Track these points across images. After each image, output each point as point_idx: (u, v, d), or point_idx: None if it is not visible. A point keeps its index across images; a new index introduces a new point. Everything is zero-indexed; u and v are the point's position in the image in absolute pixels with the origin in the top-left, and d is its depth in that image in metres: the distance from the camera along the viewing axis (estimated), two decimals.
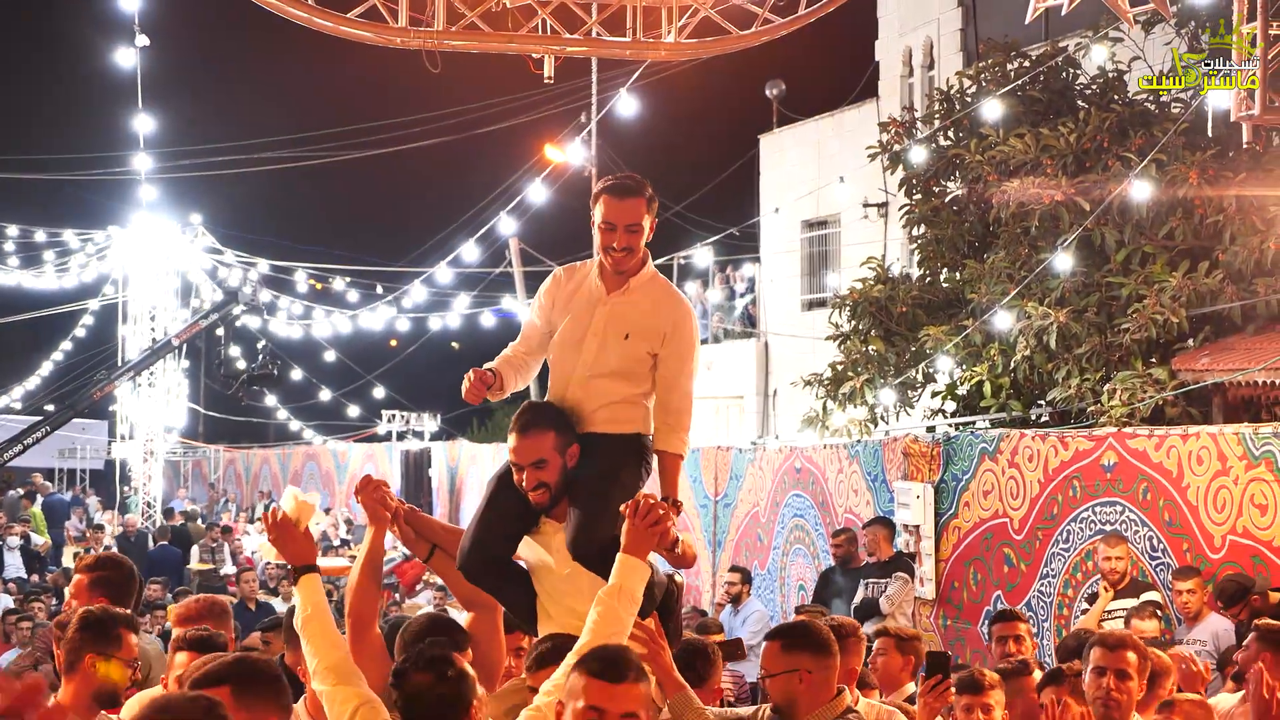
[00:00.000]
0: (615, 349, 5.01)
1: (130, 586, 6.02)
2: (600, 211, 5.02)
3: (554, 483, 4.81)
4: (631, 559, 4.44)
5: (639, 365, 5.04)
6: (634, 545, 4.44)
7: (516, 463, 4.85)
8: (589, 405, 4.99)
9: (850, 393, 15.58)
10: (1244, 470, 9.63)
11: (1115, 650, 5.63)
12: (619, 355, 5.01)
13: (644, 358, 5.05)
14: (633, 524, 4.43)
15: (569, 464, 4.83)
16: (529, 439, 4.82)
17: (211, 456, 42.05)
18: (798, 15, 10.58)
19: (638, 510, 4.43)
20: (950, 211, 15.92)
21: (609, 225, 5.00)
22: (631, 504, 4.45)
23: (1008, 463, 11.96)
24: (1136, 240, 13.46)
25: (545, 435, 4.81)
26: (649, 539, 4.45)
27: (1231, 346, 12.62)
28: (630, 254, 5.03)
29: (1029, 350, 13.62)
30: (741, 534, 16.37)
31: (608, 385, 5.01)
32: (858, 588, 12.32)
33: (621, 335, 5.02)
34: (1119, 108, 14.38)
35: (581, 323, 5.06)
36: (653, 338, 5.04)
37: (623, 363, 5.02)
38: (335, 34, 10.23)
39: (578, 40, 10.42)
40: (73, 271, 33.95)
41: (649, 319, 5.05)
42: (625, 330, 5.02)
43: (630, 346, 5.02)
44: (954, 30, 22.60)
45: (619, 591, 4.41)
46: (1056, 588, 11.31)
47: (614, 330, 5.03)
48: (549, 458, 4.80)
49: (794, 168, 26.04)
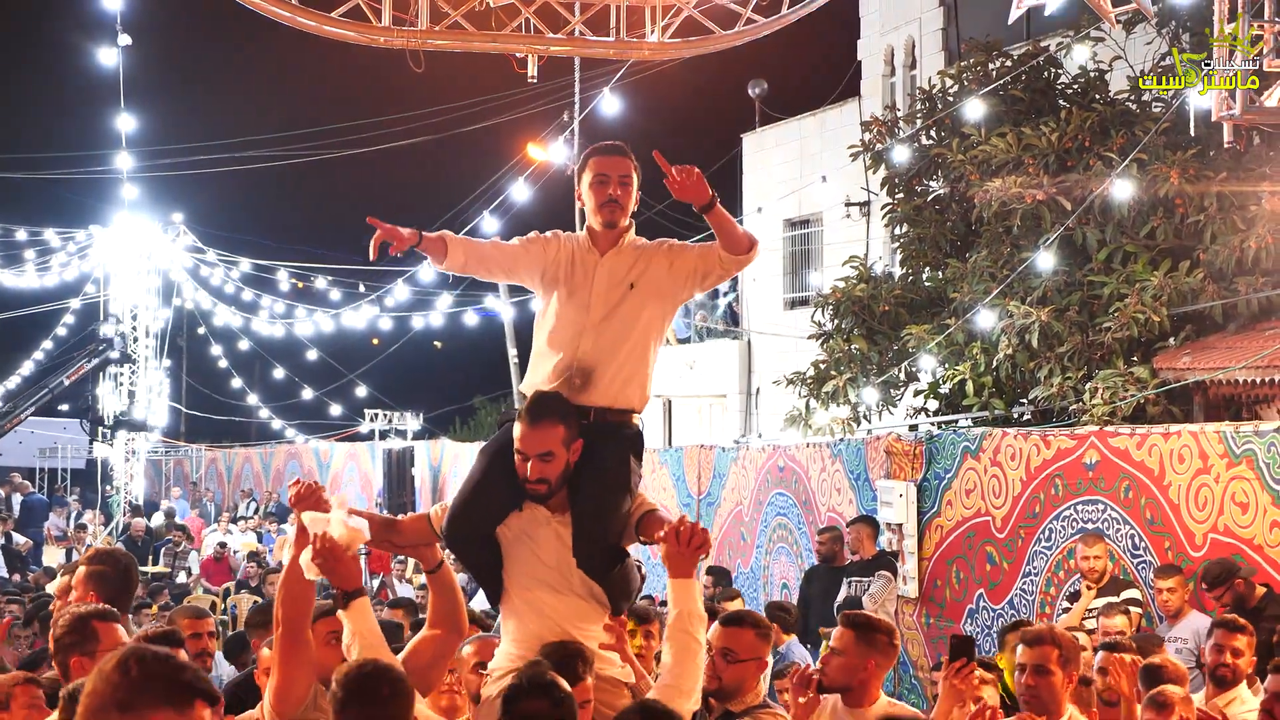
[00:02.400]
0: (622, 301, 5.04)
1: (126, 580, 6.06)
2: (592, 169, 5.10)
3: (556, 478, 4.77)
4: (684, 582, 4.50)
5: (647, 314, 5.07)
6: (681, 569, 4.49)
7: (523, 451, 4.77)
8: (598, 364, 4.96)
9: (833, 391, 15.61)
10: (1225, 469, 9.66)
11: (1035, 646, 5.70)
12: (626, 306, 5.04)
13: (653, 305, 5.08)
14: (677, 550, 4.45)
15: (572, 459, 4.79)
16: (539, 431, 4.75)
17: (193, 456, 41.93)
18: (780, 15, 10.60)
19: (679, 537, 4.45)
20: (932, 211, 15.96)
21: (602, 178, 5.07)
22: (671, 531, 4.46)
23: (990, 461, 11.99)
24: (1118, 239, 13.51)
25: (555, 429, 4.76)
26: (694, 559, 4.50)
27: (1213, 345, 12.67)
28: (623, 209, 5.09)
29: (1011, 349, 13.66)
30: (725, 533, 16.38)
31: (620, 337, 5.00)
32: (840, 586, 12.35)
33: (626, 285, 5.05)
34: (1100, 107, 14.42)
35: (583, 286, 5.07)
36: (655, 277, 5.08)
37: (631, 312, 5.04)
38: (319, 33, 10.22)
39: (561, 40, 10.43)
40: (54, 270, 33.84)
41: (646, 265, 5.09)
42: (629, 280, 5.05)
43: (637, 295, 5.05)
44: (936, 29, 22.64)
45: (689, 617, 4.49)
46: (1039, 586, 11.34)
47: (617, 284, 5.05)
48: (556, 451, 4.75)
49: (776, 166, 26.07)
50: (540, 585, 4.80)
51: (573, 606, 4.77)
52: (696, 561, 4.52)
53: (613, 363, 4.97)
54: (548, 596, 4.76)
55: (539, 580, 4.81)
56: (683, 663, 4.45)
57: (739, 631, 5.06)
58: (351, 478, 31.97)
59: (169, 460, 42.36)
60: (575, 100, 25.25)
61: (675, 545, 4.44)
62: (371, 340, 38.52)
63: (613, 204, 5.07)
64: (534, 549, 4.82)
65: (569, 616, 4.75)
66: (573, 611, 4.76)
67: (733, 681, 5.01)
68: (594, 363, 4.97)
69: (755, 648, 5.08)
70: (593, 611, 4.81)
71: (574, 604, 4.77)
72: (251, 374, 41.42)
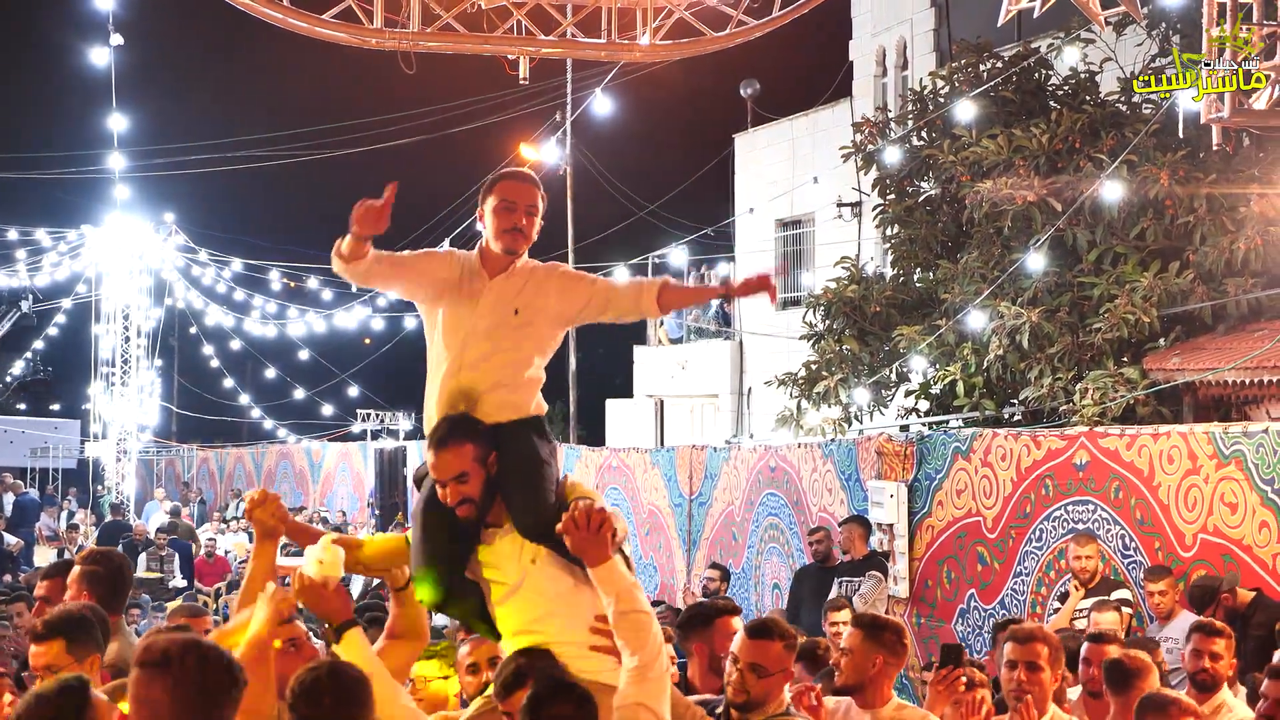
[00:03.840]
0: (506, 327, 4.95)
1: (119, 580, 6.06)
2: (498, 194, 4.99)
3: (478, 495, 4.68)
4: (603, 568, 4.40)
5: (532, 343, 5.00)
6: (595, 556, 4.40)
7: (438, 479, 4.70)
8: (481, 387, 4.89)
9: (824, 392, 15.65)
10: (1214, 469, 9.70)
11: (1026, 643, 5.73)
12: (509, 333, 4.95)
13: (539, 333, 5.01)
14: (580, 538, 4.38)
15: (490, 472, 4.71)
16: (447, 453, 4.67)
17: (184, 455, 41.90)
18: (771, 17, 10.64)
19: (576, 523, 4.38)
20: (923, 211, 16.00)
21: (509, 204, 4.97)
22: (568, 520, 4.39)
23: (980, 462, 12.02)
24: (1108, 240, 13.55)
25: (463, 447, 4.67)
26: (602, 543, 4.40)
27: (1202, 346, 12.71)
28: (525, 237, 5.01)
29: (1002, 350, 13.69)
30: (716, 533, 16.40)
31: (500, 364, 4.92)
32: (831, 586, 12.37)
33: (510, 311, 4.96)
34: (1091, 109, 14.46)
35: (467, 307, 4.97)
36: (543, 305, 5.00)
37: (513, 340, 4.95)
38: (310, 35, 10.24)
39: (552, 41, 10.46)
40: (45, 270, 33.82)
41: (533, 292, 5.00)
42: (514, 306, 4.97)
43: (521, 323, 4.96)
44: (927, 30, 22.69)
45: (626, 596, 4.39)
46: (1030, 586, 11.37)
47: (503, 309, 4.96)
48: (470, 470, 4.67)
49: (768, 167, 26.10)
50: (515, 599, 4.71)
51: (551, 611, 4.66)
52: (607, 543, 4.41)
53: (497, 387, 4.90)
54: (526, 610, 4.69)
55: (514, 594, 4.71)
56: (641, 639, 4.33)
57: (767, 645, 4.94)
58: (343, 478, 31.96)
59: (160, 460, 42.33)
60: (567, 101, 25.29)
61: (578, 531, 4.37)
62: (363, 340, 38.56)
63: (516, 232, 4.97)
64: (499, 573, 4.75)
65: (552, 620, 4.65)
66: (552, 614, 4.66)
67: (760, 695, 4.92)
68: (476, 391, 4.89)
69: (783, 660, 4.99)
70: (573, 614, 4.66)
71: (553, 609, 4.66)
72: (243, 374, 41.45)
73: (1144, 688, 6.07)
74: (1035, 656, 5.67)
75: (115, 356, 32.36)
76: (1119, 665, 6.25)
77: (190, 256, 33.91)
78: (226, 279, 34.40)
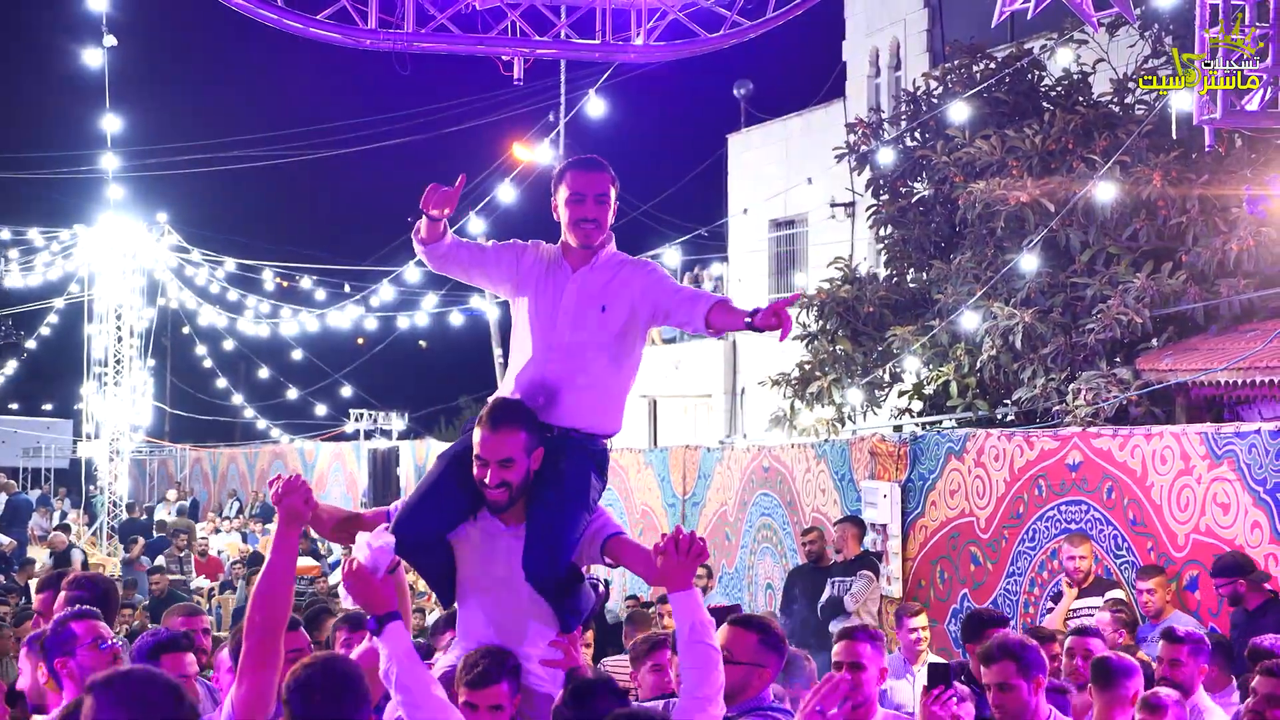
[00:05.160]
0: (592, 321, 4.91)
1: (106, 604, 5.97)
2: (567, 186, 4.95)
3: (517, 484, 4.65)
4: (686, 594, 4.41)
5: (617, 338, 4.95)
6: (680, 581, 4.41)
7: (483, 457, 4.63)
8: (566, 382, 4.86)
9: (818, 392, 15.67)
10: (1207, 470, 9.72)
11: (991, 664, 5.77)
12: (596, 328, 4.91)
13: (623, 328, 4.96)
14: (676, 561, 4.38)
15: (533, 467, 4.67)
16: (500, 436, 4.61)
17: (178, 455, 41.87)
18: (766, 18, 10.64)
19: (679, 547, 4.37)
20: (917, 212, 16.03)
21: (578, 196, 4.93)
22: (670, 541, 4.38)
23: (974, 462, 12.04)
24: (1101, 241, 13.57)
25: (517, 434, 4.62)
26: (691, 571, 4.42)
27: (1195, 347, 12.74)
28: (599, 227, 4.95)
29: (995, 350, 13.72)
30: (709, 533, 16.41)
31: (587, 359, 4.89)
32: (825, 586, 12.38)
33: (597, 308, 4.92)
34: (1084, 110, 14.49)
35: (552, 299, 4.95)
36: (630, 300, 4.95)
37: (600, 335, 4.92)
38: (304, 35, 10.23)
39: (547, 42, 10.46)
40: (38, 270, 33.77)
41: (622, 287, 4.96)
42: (600, 302, 4.92)
43: (607, 319, 4.93)
44: (921, 31, 22.72)
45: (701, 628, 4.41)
46: (1022, 586, 11.39)
47: (588, 303, 4.92)
48: (517, 458, 4.62)
49: (762, 167, 26.12)
50: (488, 595, 4.72)
51: (518, 622, 4.68)
52: (695, 572, 4.44)
53: (578, 385, 4.87)
54: (493, 609, 4.70)
55: (486, 590, 4.72)
56: (706, 672, 4.36)
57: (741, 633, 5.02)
58: (337, 478, 31.97)
59: (153, 460, 42.29)
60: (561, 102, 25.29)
61: (675, 555, 4.36)
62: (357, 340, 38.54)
63: (588, 223, 4.94)
64: (484, 559, 4.73)
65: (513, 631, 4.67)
66: (517, 626, 4.68)
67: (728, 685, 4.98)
68: (559, 383, 4.86)
69: (757, 653, 5.02)
70: (538, 629, 4.71)
71: (520, 620, 4.69)
72: (236, 374, 41.43)
73: (1129, 687, 6.10)
74: (1005, 676, 5.71)
75: (108, 356, 32.31)
76: (1104, 664, 6.27)
77: (183, 256, 33.88)
78: (219, 279, 34.38)
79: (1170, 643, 6.98)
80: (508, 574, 4.69)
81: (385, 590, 4.47)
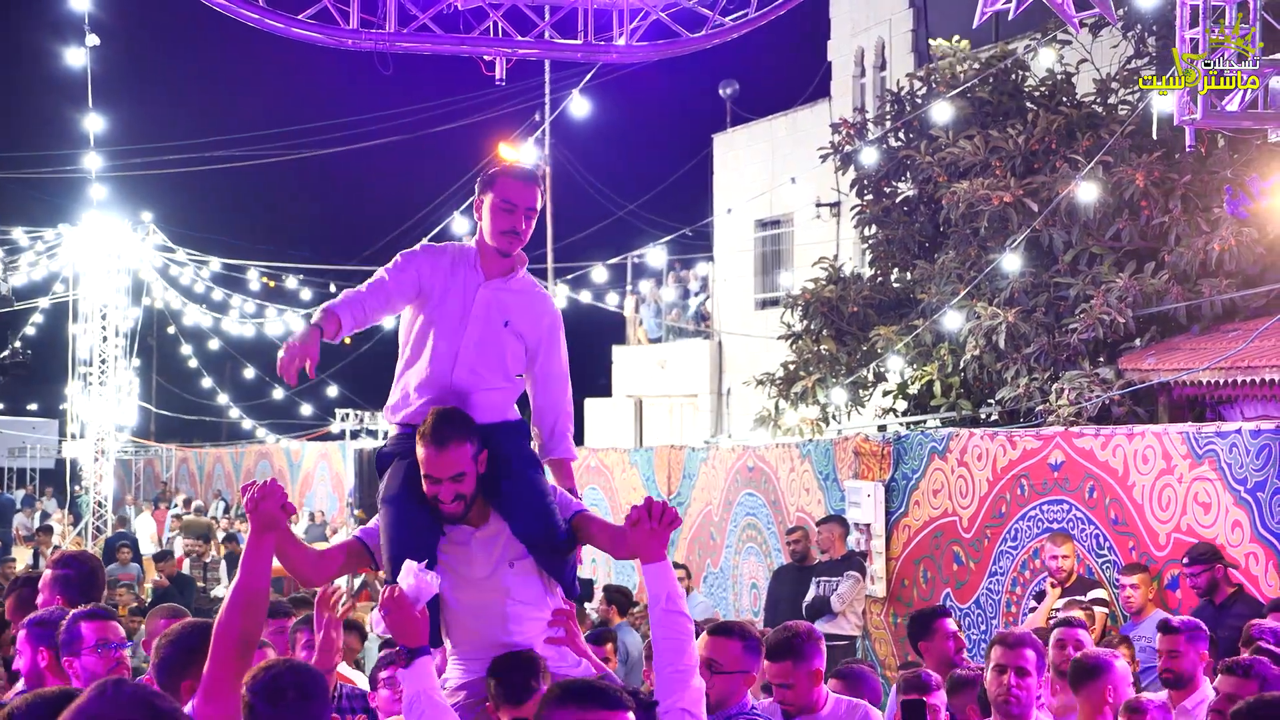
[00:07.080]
0: (495, 334, 4.94)
1: (92, 583, 6.01)
2: (498, 193, 4.92)
3: (470, 494, 4.67)
4: (659, 565, 4.37)
5: (512, 357, 5.00)
6: (654, 552, 4.36)
7: (434, 476, 4.63)
8: (474, 384, 4.89)
9: (802, 392, 15.70)
10: (1188, 469, 9.74)
11: (1014, 648, 5.78)
12: (497, 342, 4.95)
13: (518, 350, 5.01)
14: (649, 529, 4.33)
15: (481, 470, 4.69)
16: (448, 452, 4.61)
17: (163, 455, 41.79)
18: (749, 19, 10.64)
19: (651, 514, 4.32)
20: (901, 212, 16.07)
21: (509, 206, 4.90)
22: (642, 510, 4.34)
23: (957, 461, 12.06)
24: (1084, 241, 13.61)
25: (463, 447, 4.62)
26: (663, 541, 4.37)
27: (1177, 346, 12.78)
28: (521, 240, 4.97)
29: (978, 350, 13.75)
30: (694, 532, 16.43)
31: (489, 370, 4.93)
32: (809, 586, 12.40)
33: (501, 322, 4.95)
34: (1067, 110, 14.54)
35: (461, 304, 4.95)
36: (530, 333, 5.01)
37: (499, 350, 4.95)
38: (286, 35, 10.21)
39: (529, 42, 10.44)
40: (22, 270, 33.66)
41: (528, 313, 5.01)
42: (505, 318, 4.95)
43: (508, 335, 4.96)
44: (906, 31, 22.76)
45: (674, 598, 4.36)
46: (1005, 586, 11.41)
47: (496, 315, 4.95)
48: (467, 469, 4.63)
49: (747, 167, 26.15)
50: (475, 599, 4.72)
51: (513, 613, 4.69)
52: (667, 541, 4.39)
53: (486, 386, 4.91)
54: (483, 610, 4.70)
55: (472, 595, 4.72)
56: (683, 643, 4.32)
57: (725, 642, 5.00)
58: (323, 477, 31.92)
59: (139, 460, 42.21)
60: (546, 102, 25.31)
61: (648, 522, 4.31)
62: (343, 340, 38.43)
63: (513, 234, 4.94)
64: (463, 566, 4.73)
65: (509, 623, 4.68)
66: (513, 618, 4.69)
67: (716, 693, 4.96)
68: (468, 386, 4.89)
69: (742, 660, 5.02)
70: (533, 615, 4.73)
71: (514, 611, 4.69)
72: (222, 373, 41.33)
73: (1104, 685, 6.12)
74: (1024, 661, 5.74)
75: (93, 356, 32.20)
76: (1080, 663, 6.30)
77: (168, 256, 33.78)
78: (204, 278, 34.30)
79: (1166, 634, 7.00)
80: (489, 570, 4.71)
81: (421, 623, 4.42)
